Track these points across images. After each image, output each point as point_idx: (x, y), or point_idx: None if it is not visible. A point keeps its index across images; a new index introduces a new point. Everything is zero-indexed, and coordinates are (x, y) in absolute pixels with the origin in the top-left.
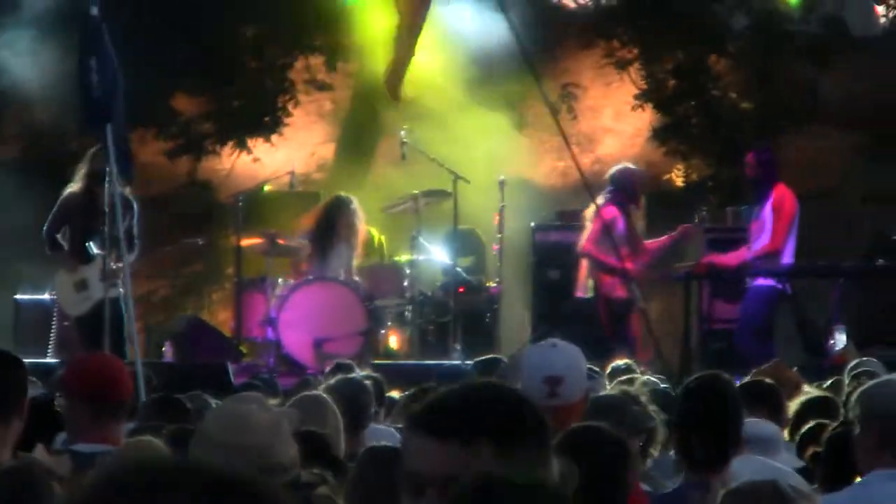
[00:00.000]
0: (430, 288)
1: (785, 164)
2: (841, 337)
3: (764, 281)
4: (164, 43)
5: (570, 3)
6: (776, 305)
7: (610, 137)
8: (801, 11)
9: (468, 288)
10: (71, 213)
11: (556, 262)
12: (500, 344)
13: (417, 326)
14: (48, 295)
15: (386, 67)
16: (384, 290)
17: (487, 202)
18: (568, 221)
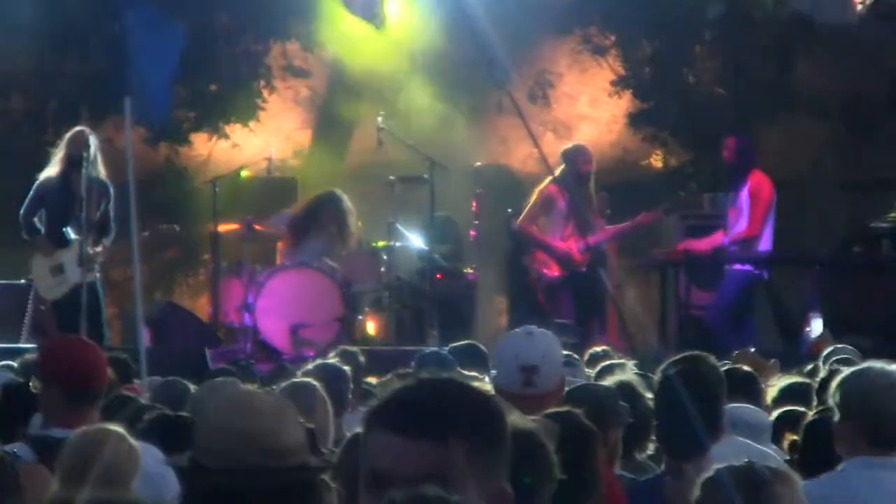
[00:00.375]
0: (407, 274)
1: (760, 152)
2: (817, 325)
3: (741, 266)
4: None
5: None
6: (753, 291)
7: (586, 124)
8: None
9: (445, 274)
10: (47, 197)
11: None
12: (476, 330)
13: (394, 312)
14: (24, 280)
15: None
16: (361, 276)
17: (464, 188)
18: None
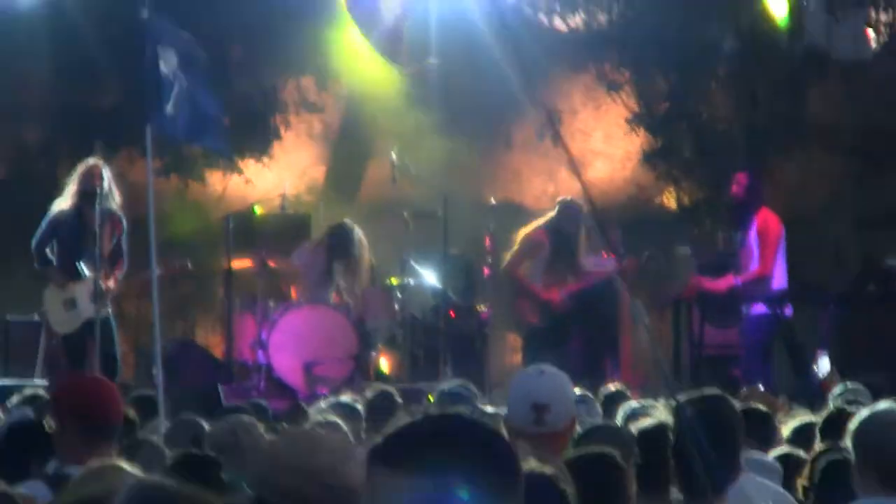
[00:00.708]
0: (420, 311)
1: (774, 187)
2: (824, 362)
3: (761, 307)
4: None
5: (561, 25)
6: (775, 331)
7: (600, 160)
8: (790, 35)
9: (459, 311)
10: (60, 230)
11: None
12: (489, 368)
13: (408, 350)
14: (36, 316)
15: None
16: (375, 312)
17: (478, 225)
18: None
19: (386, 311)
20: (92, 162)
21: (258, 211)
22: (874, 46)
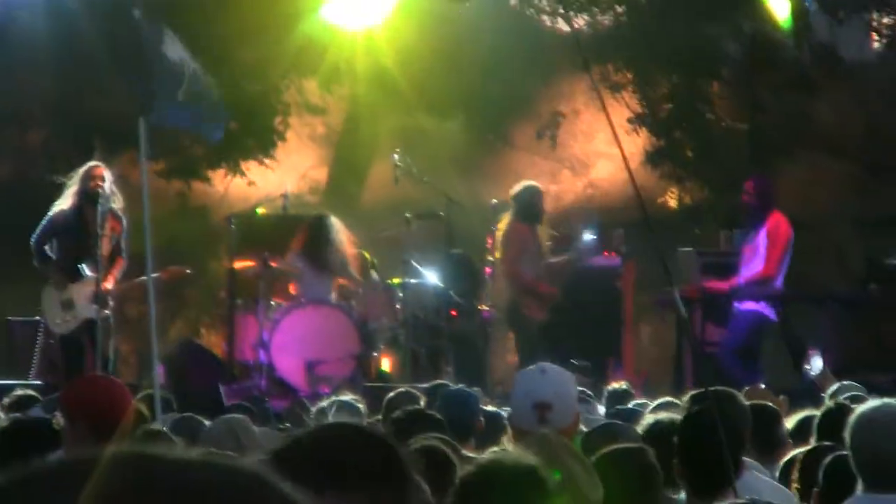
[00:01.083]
0: (422, 311)
1: (778, 190)
2: (817, 362)
3: (751, 305)
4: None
5: (563, 27)
6: (761, 331)
7: (603, 161)
8: (794, 37)
9: (460, 311)
10: (60, 230)
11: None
12: (491, 367)
13: (410, 350)
14: (38, 317)
15: None
16: (377, 313)
17: (480, 225)
18: (560, 245)
19: (388, 311)
20: (94, 163)
21: (260, 212)
22: (876, 48)
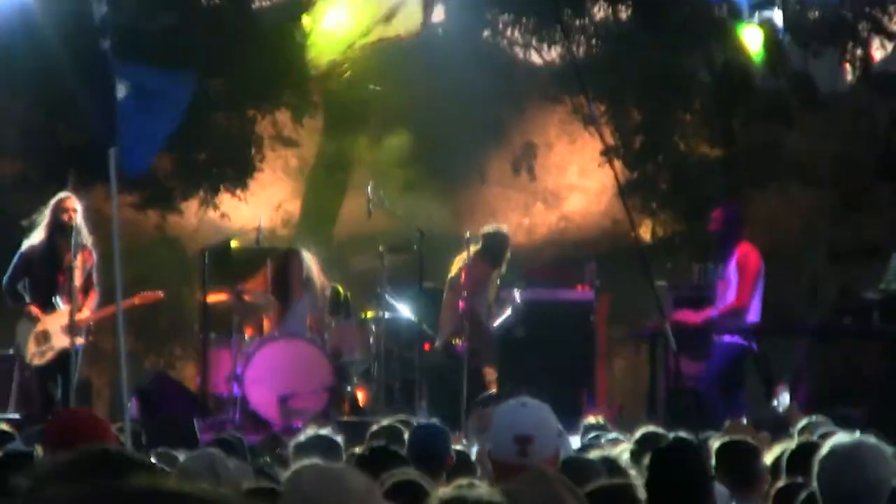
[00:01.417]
0: (396, 345)
1: (750, 220)
2: (784, 398)
3: (730, 338)
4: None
5: (536, 59)
6: (742, 362)
7: (576, 194)
8: (767, 68)
9: (433, 344)
10: (33, 265)
11: (520, 319)
12: (465, 401)
13: (383, 383)
14: (11, 350)
15: None
16: (350, 346)
17: (453, 258)
18: (533, 279)
19: (361, 344)
20: (64, 195)
21: (234, 245)
22: (849, 79)
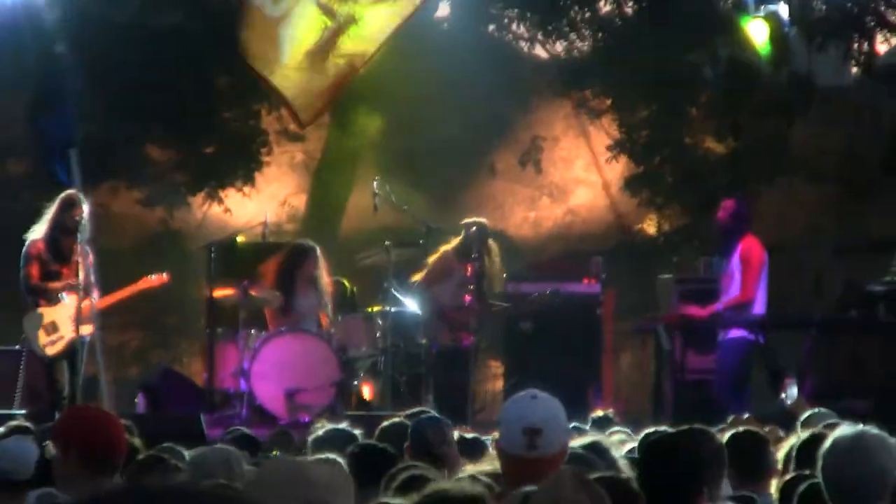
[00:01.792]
0: (402, 339)
1: (755, 214)
2: (792, 391)
3: (737, 332)
4: (135, 92)
5: (541, 53)
6: (750, 355)
7: (582, 188)
8: (771, 62)
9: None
10: (37, 260)
11: (527, 313)
12: (472, 395)
13: (390, 378)
14: (18, 346)
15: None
16: (357, 340)
17: None
18: (539, 272)
19: (368, 338)
20: (71, 191)
21: (240, 240)
22: (854, 72)
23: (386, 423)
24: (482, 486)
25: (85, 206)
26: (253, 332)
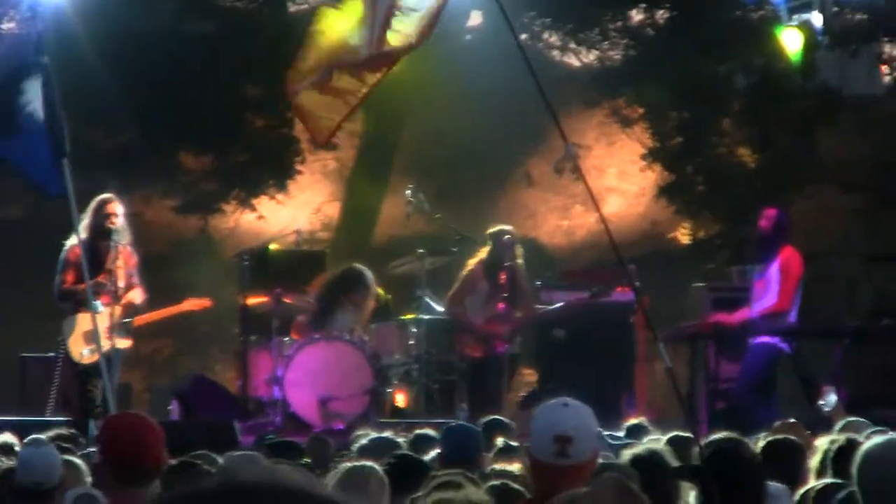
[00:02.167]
0: (435, 347)
1: (792, 225)
2: (831, 398)
3: (765, 338)
4: (168, 101)
5: (573, 61)
6: (776, 364)
7: (614, 196)
8: (803, 71)
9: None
10: (73, 266)
11: (561, 321)
12: (505, 403)
13: (423, 385)
14: (52, 353)
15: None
16: (390, 348)
17: None
18: (572, 280)
19: (401, 346)
20: (106, 197)
21: (273, 248)
22: (885, 81)
23: (365, 440)
24: (490, 493)
25: (119, 208)
26: (286, 339)
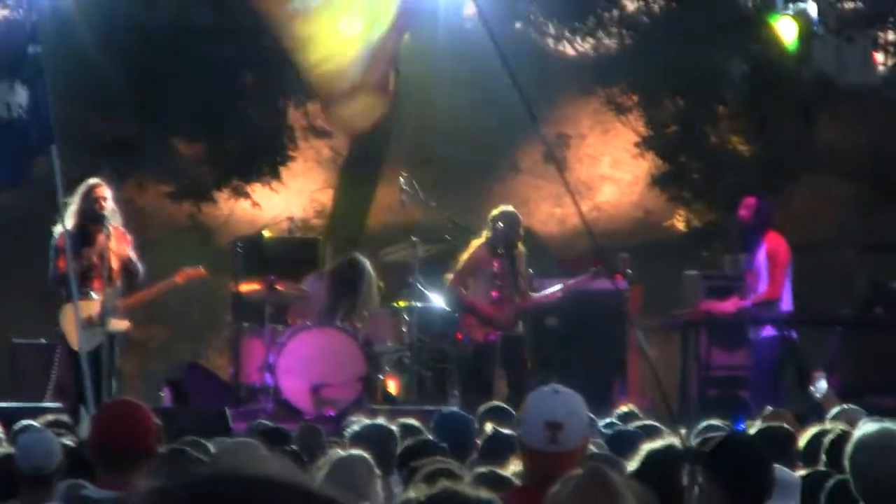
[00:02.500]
0: (428, 334)
1: (782, 213)
2: (822, 384)
3: (770, 330)
4: (162, 88)
5: (568, 50)
6: (787, 351)
7: (608, 185)
8: (799, 60)
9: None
10: (65, 252)
11: (553, 309)
12: (497, 391)
13: (415, 372)
14: (44, 340)
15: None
16: (383, 335)
17: None
18: (565, 269)
19: (393, 333)
20: (94, 181)
21: (266, 235)
22: (881, 70)
23: (358, 427)
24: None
25: (108, 192)
26: (279, 326)
